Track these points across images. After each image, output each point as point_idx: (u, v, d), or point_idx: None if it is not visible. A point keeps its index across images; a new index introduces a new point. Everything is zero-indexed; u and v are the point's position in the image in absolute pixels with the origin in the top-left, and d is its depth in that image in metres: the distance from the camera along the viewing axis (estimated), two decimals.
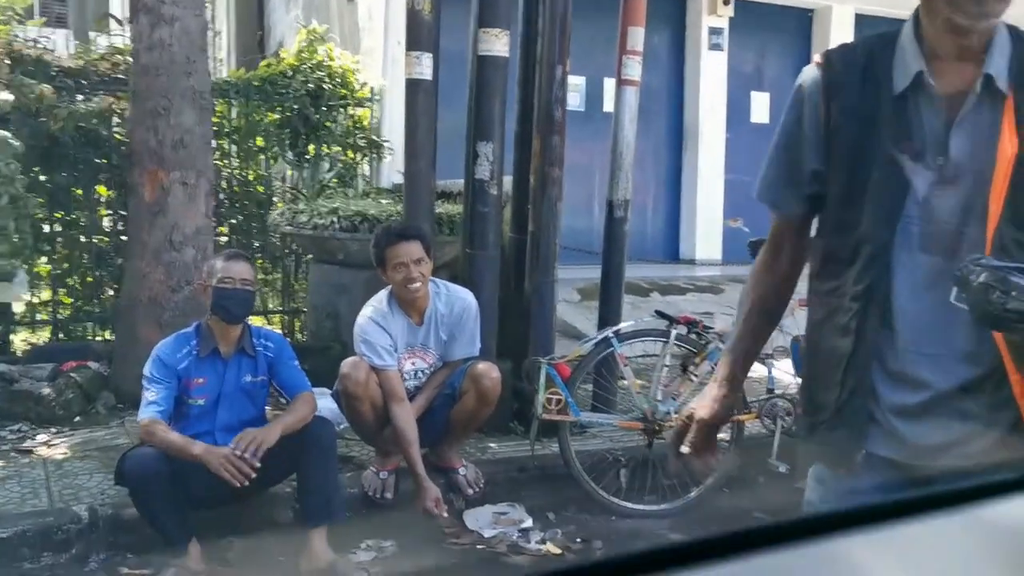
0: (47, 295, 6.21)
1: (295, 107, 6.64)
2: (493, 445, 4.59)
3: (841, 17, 9.45)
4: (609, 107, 5.97)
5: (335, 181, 6.89)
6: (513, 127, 5.05)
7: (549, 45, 4.83)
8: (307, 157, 6.83)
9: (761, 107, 9.44)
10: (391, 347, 3.92)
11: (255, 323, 4.19)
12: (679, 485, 4.19)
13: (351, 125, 7.03)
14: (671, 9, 8.97)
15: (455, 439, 4.16)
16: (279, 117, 6.70)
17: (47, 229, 6.03)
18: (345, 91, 6.92)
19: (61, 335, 6.13)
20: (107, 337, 5.95)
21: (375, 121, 7.19)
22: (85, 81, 5.97)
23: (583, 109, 8.39)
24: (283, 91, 6.62)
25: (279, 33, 9.71)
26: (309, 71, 6.76)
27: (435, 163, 4.90)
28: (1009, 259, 1.48)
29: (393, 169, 6.96)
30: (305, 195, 6.67)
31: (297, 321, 6.78)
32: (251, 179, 6.82)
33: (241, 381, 3.58)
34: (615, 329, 4.28)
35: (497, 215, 4.83)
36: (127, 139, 5.47)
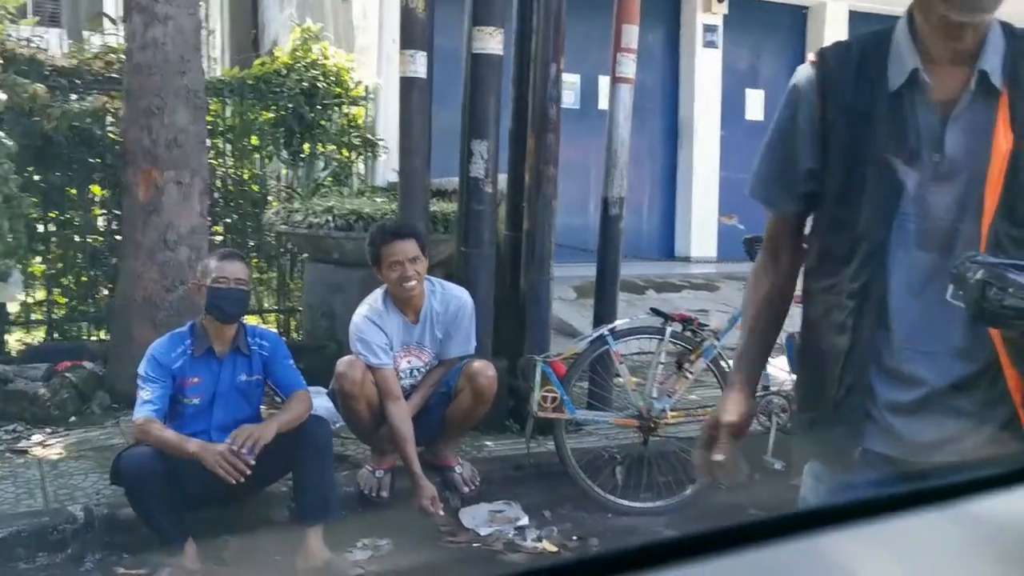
0: (42, 295, 6.19)
1: (290, 106, 6.63)
2: (489, 443, 4.59)
3: (835, 14, 9.47)
4: (604, 105, 5.97)
5: (330, 180, 6.89)
6: (508, 125, 5.05)
7: (543, 43, 4.82)
8: (302, 156, 6.82)
9: (756, 104, 9.45)
10: (387, 346, 3.92)
11: (250, 322, 4.19)
12: (675, 482, 4.20)
13: (346, 123, 7.02)
14: (666, 6, 8.98)
15: (451, 437, 4.16)
16: (274, 116, 6.69)
17: (41, 229, 6.02)
18: (340, 89, 6.91)
19: (56, 335, 6.11)
20: (102, 337, 5.93)
21: (370, 119, 7.19)
22: (79, 80, 5.96)
23: (578, 107, 8.40)
24: (277, 90, 6.62)
25: (273, 32, 9.69)
26: (303, 70, 6.75)
27: (430, 161, 4.90)
28: (1004, 255, 1.48)
29: (388, 167, 6.96)
30: (300, 194, 6.66)
31: (293, 320, 6.77)
32: (246, 178, 6.81)
33: (236, 380, 3.58)
34: (610, 327, 4.28)
35: (492, 213, 4.83)
36: (121, 138, 5.46)
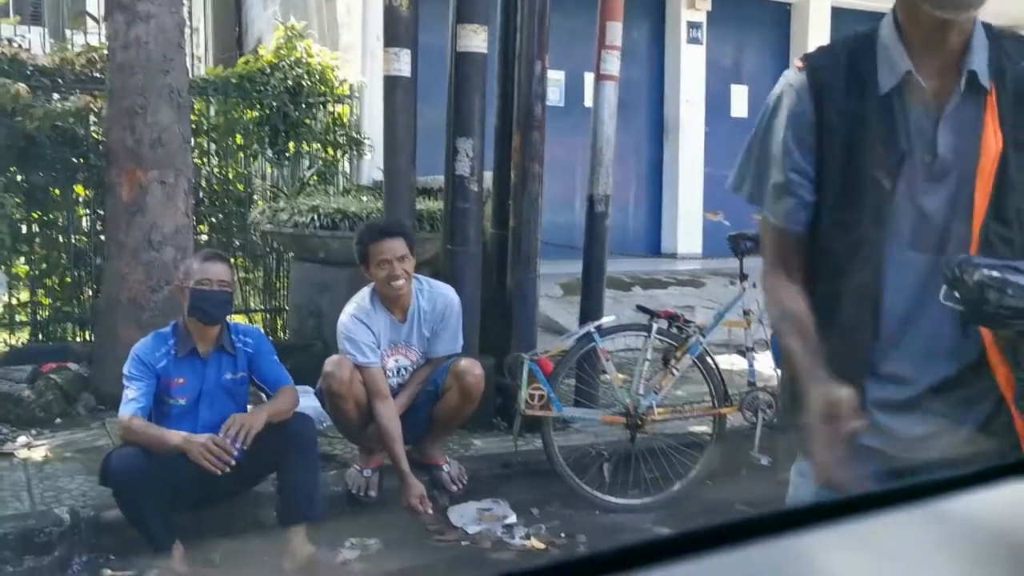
0: (26, 296, 6.15)
1: (274, 104, 6.60)
2: (476, 441, 4.59)
3: (818, 11, 9.50)
4: (589, 102, 5.98)
5: (315, 179, 6.88)
6: (493, 123, 5.05)
7: (528, 40, 4.82)
8: (287, 155, 6.80)
9: (740, 100, 9.48)
10: (374, 344, 3.91)
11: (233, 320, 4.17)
12: (662, 478, 4.21)
13: (331, 122, 7.01)
14: (650, 3, 9.00)
15: (438, 436, 4.16)
16: (258, 115, 6.66)
17: (25, 229, 5.97)
18: (324, 88, 6.89)
19: (40, 336, 6.07)
20: (87, 338, 5.90)
21: (355, 118, 7.17)
22: (61, 80, 5.92)
23: (563, 104, 8.40)
24: (262, 88, 6.59)
25: (257, 30, 9.66)
26: (288, 68, 6.72)
27: (415, 160, 4.90)
28: (995, 255, 1.49)
29: (373, 166, 6.94)
30: (285, 193, 6.64)
31: (279, 320, 6.75)
32: (231, 177, 6.78)
33: (222, 379, 3.57)
34: (597, 324, 4.29)
35: (478, 211, 4.83)
36: (104, 138, 5.42)
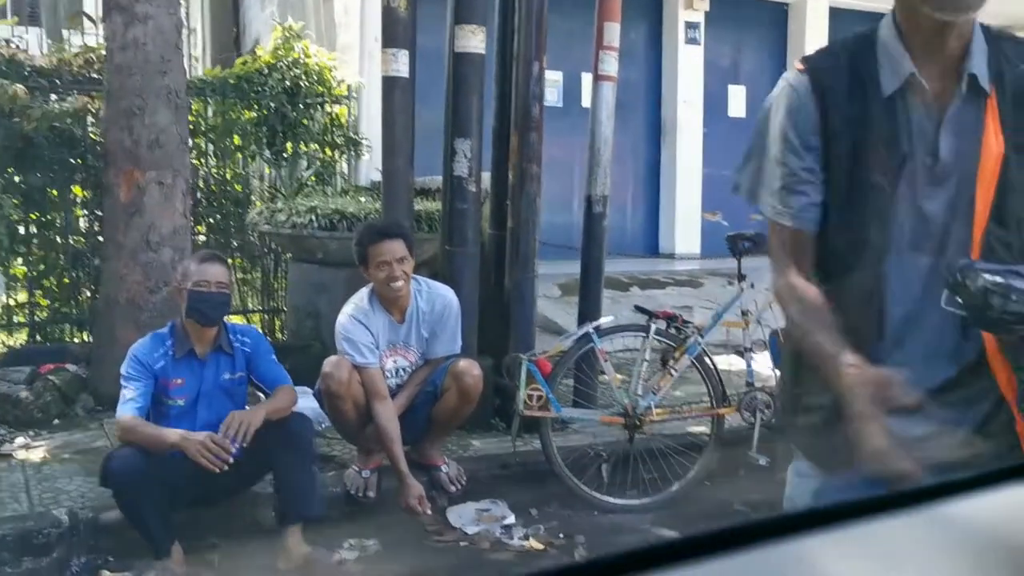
0: (23, 297, 6.15)
1: (272, 105, 6.60)
2: (475, 442, 4.59)
3: (816, 11, 9.51)
4: (587, 102, 5.97)
5: (313, 179, 6.87)
6: (491, 123, 5.05)
7: (526, 41, 4.82)
8: (285, 155, 6.80)
9: (738, 101, 9.48)
10: (373, 345, 3.91)
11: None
12: (660, 479, 4.22)
13: (328, 122, 7.00)
14: (647, 3, 9.00)
15: (437, 437, 4.16)
16: (256, 115, 6.66)
17: (23, 230, 5.97)
18: (322, 88, 6.89)
19: (38, 337, 6.07)
20: (85, 339, 5.90)
21: (352, 118, 7.17)
22: (59, 81, 5.92)
23: (561, 105, 8.40)
24: (259, 89, 6.59)
25: (254, 30, 9.66)
26: (285, 68, 6.72)
27: (413, 160, 4.90)
28: (995, 258, 1.49)
29: (371, 167, 6.94)
30: (283, 194, 6.64)
31: (277, 320, 6.75)
32: (228, 178, 6.78)
33: (220, 379, 3.57)
34: (595, 325, 4.29)
35: (476, 212, 4.84)
36: (102, 139, 5.42)
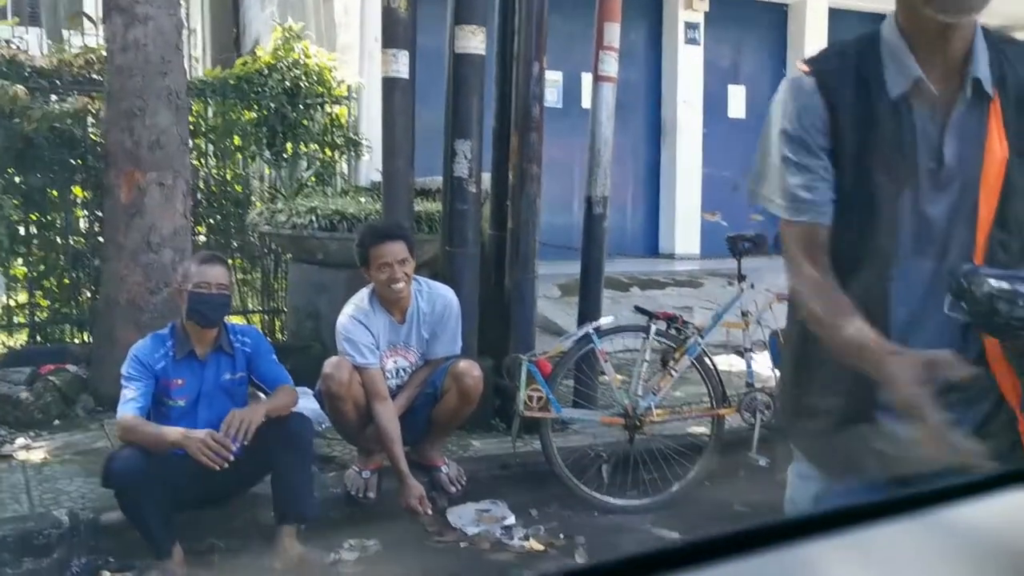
0: (24, 297, 6.15)
1: (272, 105, 6.61)
2: (475, 443, 4.59)
3: (815, 12, 9.50)
4: (587, 103, 5.98)
5: (313, 180, 6.87)
6: (491, 124, 5.05)
7: (526, 41, 4.83)
8: (285, 156, 6.80)
9: (738, 101, 9.48)
10: (373, 345, 3.91)
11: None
12: (660, 479, 4.22)
13: (328, 123, 7.01)
14: (647, 4, 9.00)
15: (437, 437, 4.17)
16: (256, 116, 6.67)
17: (23, 231, 5.98)
18: (322, 89, 6.89)
19: (39, 338, 6.08)
20: (85, 339, 5.90)
21: (352, 119, 7.17)
22: (59, 81, 5.92)
23: (561, 105, 8.40)
24: (259, 89, 6.59)
25: (254, 31, 9.67)
26: (285, 69, 6.72)
27: (413, 161, 4.90)
28: (998, 263, 1.50)
29: (371, 167, 6.94)
30: (283, 194, 6.64)
31: (277, 321, 6.75)
32: (229, 179, 6.78)
33: (220, 380, 3.58)
34: (595, 325, 4.29)
35: (476, 212, 4.84)
36: (102, 140, 5.43)
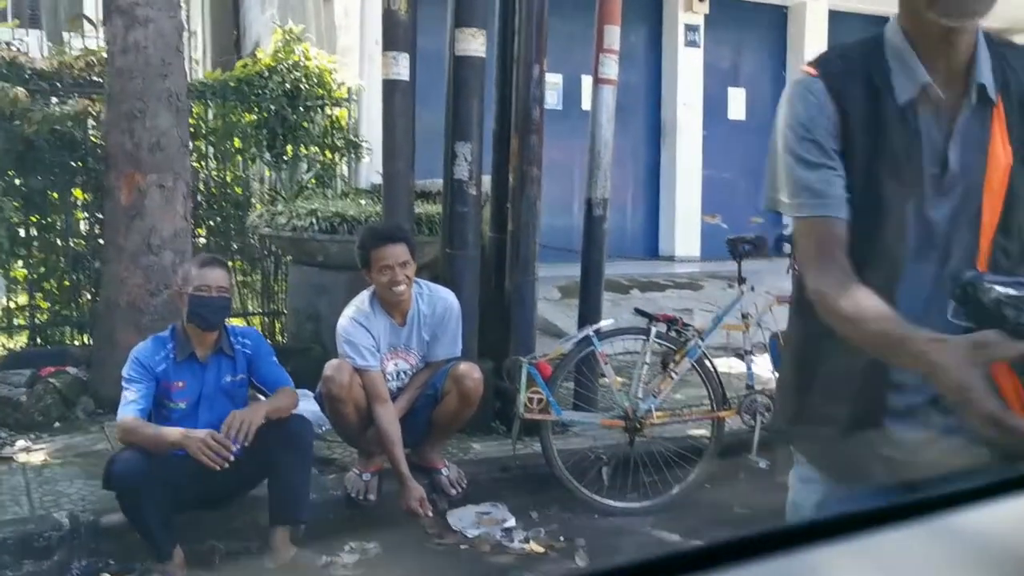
0: (24, 299, 6.15)
1: (272, 108, 6.61)
2: (475, 445, 4.59)
3: (815, 14, 9.50)
4: (587, 105, 5.98)
5: (313, 182, 6.88)
6: (491, 127, 5.05)
7: (526, 44, 4.83)
8: (285, 158, 6.80)
9: (738, 103, 9.49)
10: (374, 348, 3.92)
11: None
12: (660, 482, 4.22)
13: (328, 125, 7.01)
14: (647, 6, 9.01)
15: (437, 440, 4.17)
16: (256, 118, 6.67)
17: (23, 233, 5.97)
18: (322, 91, 6.90)
19: (39, 340, 6.08)
20: (85, 341, 5.90)
21: (352, 121, 7.17)
22: (59, 84, 5.92)
23: (561, 107, 8.41)
24: (260, 92, 6.59)
25: (255, 33, 9.67)
26: (286, 71, 6.73)
27: (414, 163, 4.90)
28: (1000, 269, 1.50)
29: (372, 169, 6.95)
30: (283, 196, 6.64)
31: (277, 323, 6.75)
32: (229, 181, 6.78)
33: (221, 382, 3.58)
34: (595, 327, 4.30)
35: (476, 215, 4.84)
36: (103, 142, 5.43)
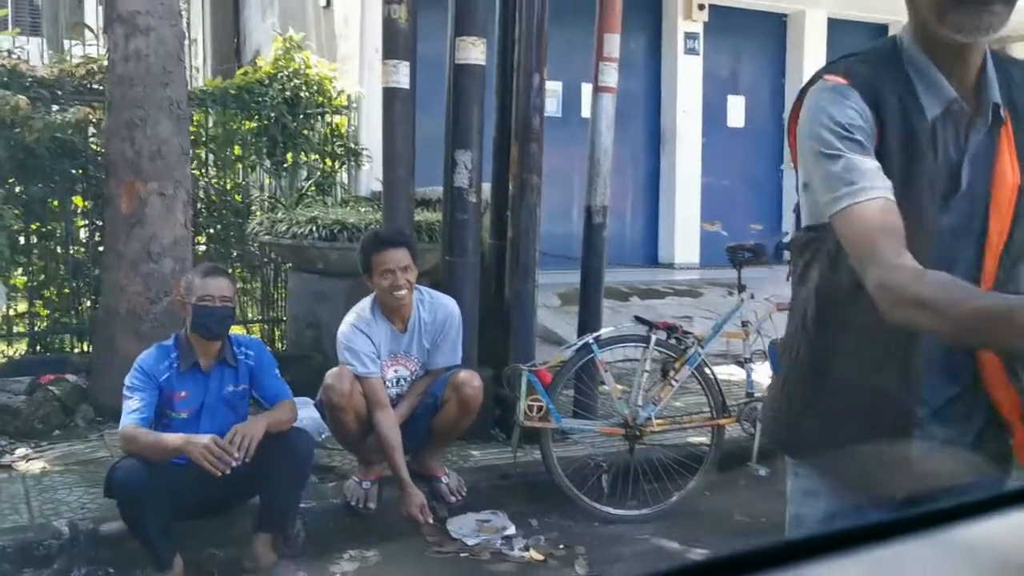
0: (23, 307, 6.15)
1: (272, 115, 6.61)
2: (475, 453, 4.59)
3: (814, 22, 9.52)
4: (587, 112, 5.99)
5: (313, 189, 6.89)
6: (491, 134, 5.06)
7: (526, 52, 4.84)
8: (285, 165, 6.81)
9: (737, 111, 9.50)
10: (374, 354, 3.92)
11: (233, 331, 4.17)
12: (661, 490, 4.22)
13: (328, 133, 7.02)
14: (647, 14, 9.02)
15: (437, 447, 4.16)
16: (256, 125, 6.68)
17: (23, 241, 5.98)
18: (322, 99, 6.91)
19: (38, 347, 6.07)
20: (85, 349, 5.90)
21: (352, 129, 7.18)
22: (60, 91, 5.93)
23: (560, 115, 8.42)
24: (260, 99, 6.60)
25: (255, 41, 9.69)
26: (286, 79, 6.74)
27: (414, 171, 4.91)
28: (1003, 287, 1.51)
29: (371, 177, 6.96)
30: (283, 204, 6.65)
31: (277, 330, 6.75)
32: (229, 188, 6.79)
33: (223, 392, 3.58)
34: (595, 335, 4.30)
35: (476, 222, 4.85)
36: (103, 150, 5.44)
